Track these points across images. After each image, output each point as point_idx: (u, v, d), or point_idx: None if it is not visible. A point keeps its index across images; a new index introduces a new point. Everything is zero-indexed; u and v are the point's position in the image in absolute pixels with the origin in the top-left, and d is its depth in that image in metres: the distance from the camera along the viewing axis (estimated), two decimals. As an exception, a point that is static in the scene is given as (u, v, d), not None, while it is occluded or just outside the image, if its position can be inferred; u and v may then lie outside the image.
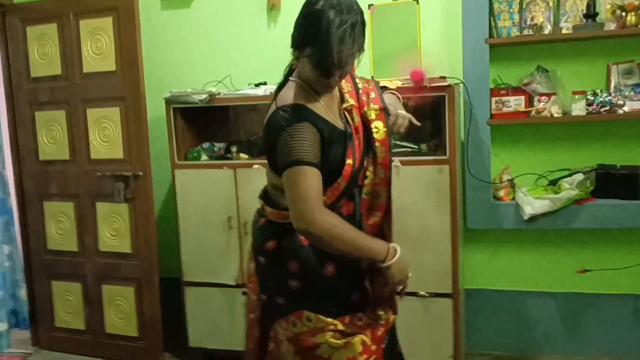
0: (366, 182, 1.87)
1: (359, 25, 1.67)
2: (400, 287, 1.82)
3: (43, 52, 3.45)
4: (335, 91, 1.87)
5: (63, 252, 3.59)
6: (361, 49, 1.70)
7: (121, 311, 3.48)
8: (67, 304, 3.63)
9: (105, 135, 3.35)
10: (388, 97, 2.00)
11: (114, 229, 3.42)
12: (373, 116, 1.88)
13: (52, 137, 3.50)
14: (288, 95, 1.75)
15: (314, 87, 1.76)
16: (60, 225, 3.57)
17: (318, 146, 1.67)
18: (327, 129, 1.72)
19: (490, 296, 3.34)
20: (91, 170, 3.41)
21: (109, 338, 3.54)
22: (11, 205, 3.68)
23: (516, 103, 3.00)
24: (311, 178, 1.63)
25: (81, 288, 3.57)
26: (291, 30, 3.64)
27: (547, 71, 3.04)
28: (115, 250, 3.44)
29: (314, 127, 1.68)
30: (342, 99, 1.88)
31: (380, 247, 1.73)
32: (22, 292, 3.76)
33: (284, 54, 3.42)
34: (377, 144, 1.86)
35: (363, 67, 3.31)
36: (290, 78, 1.82)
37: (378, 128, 1.87)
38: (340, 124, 1.80)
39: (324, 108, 1.77)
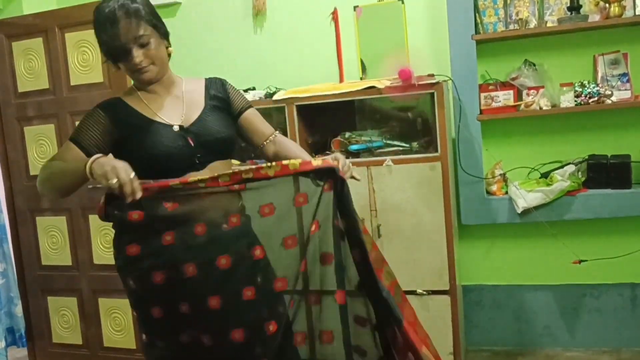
0: None
1: (125, 7, 1.72)
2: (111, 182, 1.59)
3: (29, 66, 3.43)
4: (181, 92, 1.92)
5: (57, 266, 3.56)
6: (147, 32, 1.75)
7: (118, 324, 3.45)
8: (64, 319, 3.60)
9: (96, 147, 3.33)
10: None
11: (108, 241, 3.40)
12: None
13: (41, 151, 3.48)
14: None
15: (136, 85, 1.89)
16: (53, 240, 3.55)
17: (97, 128, 1.80)
18: (126, 115, 1.82)
19: (487, 291, 3.34)
20: (82, 183, 3.39)
21: (107, 352, 3.51)
22: (3, 221, 3.64)
23: (505, 98, 3.01)
24: (66, 149, 1.81)
25: (77, 302, 3.55)
26: (278, 35, 3.65)
27: (534, 65, 3.06)
28: (109, 262, 3.37)
29: (106, 116, 1.81)
30: None
31: (81, 161, 1.67)
32: (18, 309, 3.71)
33: (271, 59, 3.47)
34: None
35: (351, 68, 3.32)
36: None
37: None
38: (161, 118, 1.84)
39: (145, 102, 1.86)
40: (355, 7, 3.28)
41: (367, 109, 3.19)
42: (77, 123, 3.32)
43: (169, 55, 1.89)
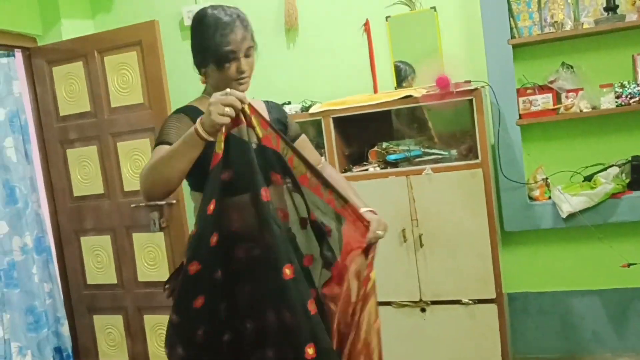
0: None
1: (241, 18, 1.84)
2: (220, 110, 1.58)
3: (70, 90, 3.52)
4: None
5: (102, 285, 3.62)
6: (253, 45, 1.87)
7: (164, 340, 3.48)
8: (110, 337, 3.65)
9: (137, 167, 3.39)
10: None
11: (151, 258, 3.45)
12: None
13: (85, 173, 3.55)
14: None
15: (208, 92, 1.89)
16: (98, 259, 3.61)
17: (182, 127, 1.75)
18: None
19: (533, 298, 3.29)
20: (125, 202, 3.45)
21: (153, 368, 3.55)
22: (48, 242, 3.72)
23: (544, 101, 2.98)
24: (158, 150, 1.75)
25: (122, 320, 3.60)
26: (311, 49, 3.67)
27: (571, 67, 3.02)
28: (153, 279, 3.46)
29: (186, 117, 1.81)
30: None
31: (190, 130, 1.63)
32: (65, 329, 3.78)
33: (305, 73, 3.49)
34: None
35: (385, 79, 3.33)
36: None
37: None
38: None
39: None
40: (387, 18, 3.29)
41: (404, 118, 3.19)
42: (118, 144, 3.43)
43: None
